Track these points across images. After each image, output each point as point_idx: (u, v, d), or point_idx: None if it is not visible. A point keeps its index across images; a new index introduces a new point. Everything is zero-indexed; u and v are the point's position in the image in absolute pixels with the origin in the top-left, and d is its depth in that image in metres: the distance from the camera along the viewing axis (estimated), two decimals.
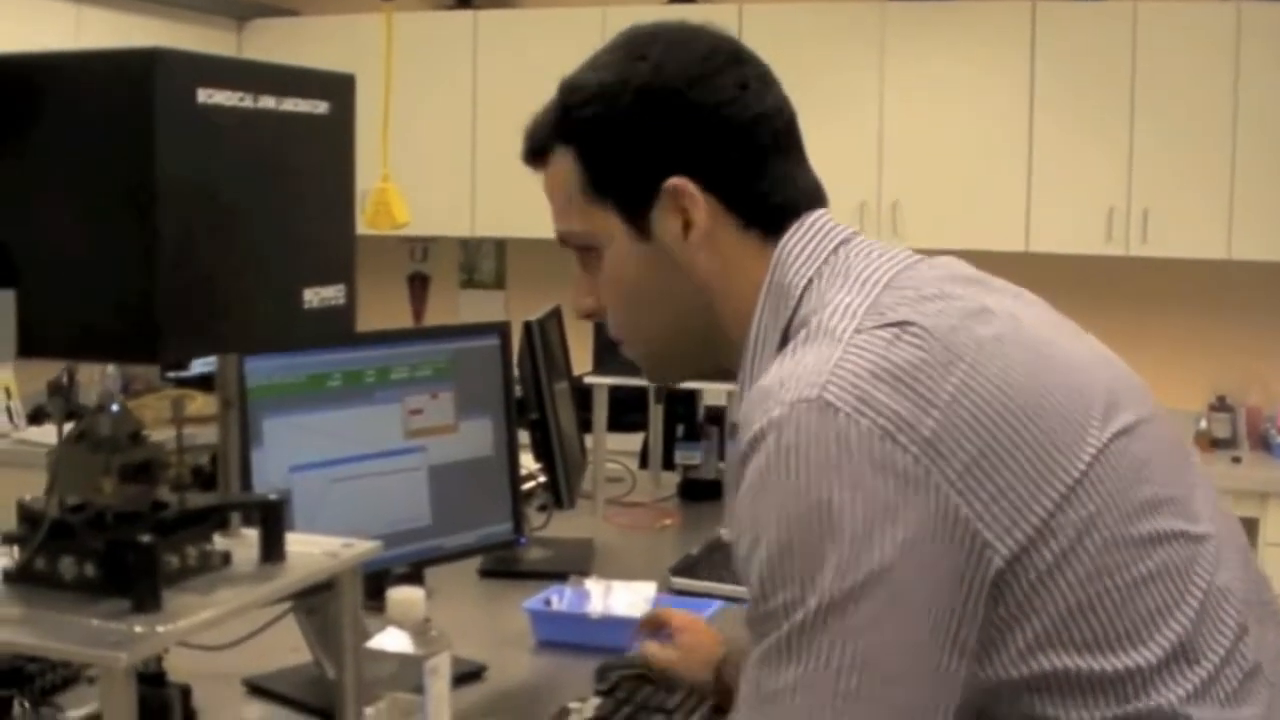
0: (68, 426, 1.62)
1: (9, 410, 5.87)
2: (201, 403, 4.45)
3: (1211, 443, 6.56)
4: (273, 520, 1.70)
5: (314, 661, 2.40)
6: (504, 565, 3.34)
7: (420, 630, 2.04)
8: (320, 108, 1.65)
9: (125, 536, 1.49)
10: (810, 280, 1.54)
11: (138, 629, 1.42)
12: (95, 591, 1.49)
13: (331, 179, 1.68)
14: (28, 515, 1.58)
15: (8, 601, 1.50)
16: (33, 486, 1.64)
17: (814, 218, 1.61)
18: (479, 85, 7.31)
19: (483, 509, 2.95)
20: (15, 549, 1.57)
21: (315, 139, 1.65)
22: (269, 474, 2.35)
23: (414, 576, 2.52)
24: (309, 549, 1.73)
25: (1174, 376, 6.68)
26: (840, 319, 1.45)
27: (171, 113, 1.43)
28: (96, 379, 5.80)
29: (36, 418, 5.94)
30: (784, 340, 1.54)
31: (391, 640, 2.03)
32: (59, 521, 1.51)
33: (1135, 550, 1.39)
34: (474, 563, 3.27)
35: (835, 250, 1.57)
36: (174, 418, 1.68)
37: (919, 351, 1.39)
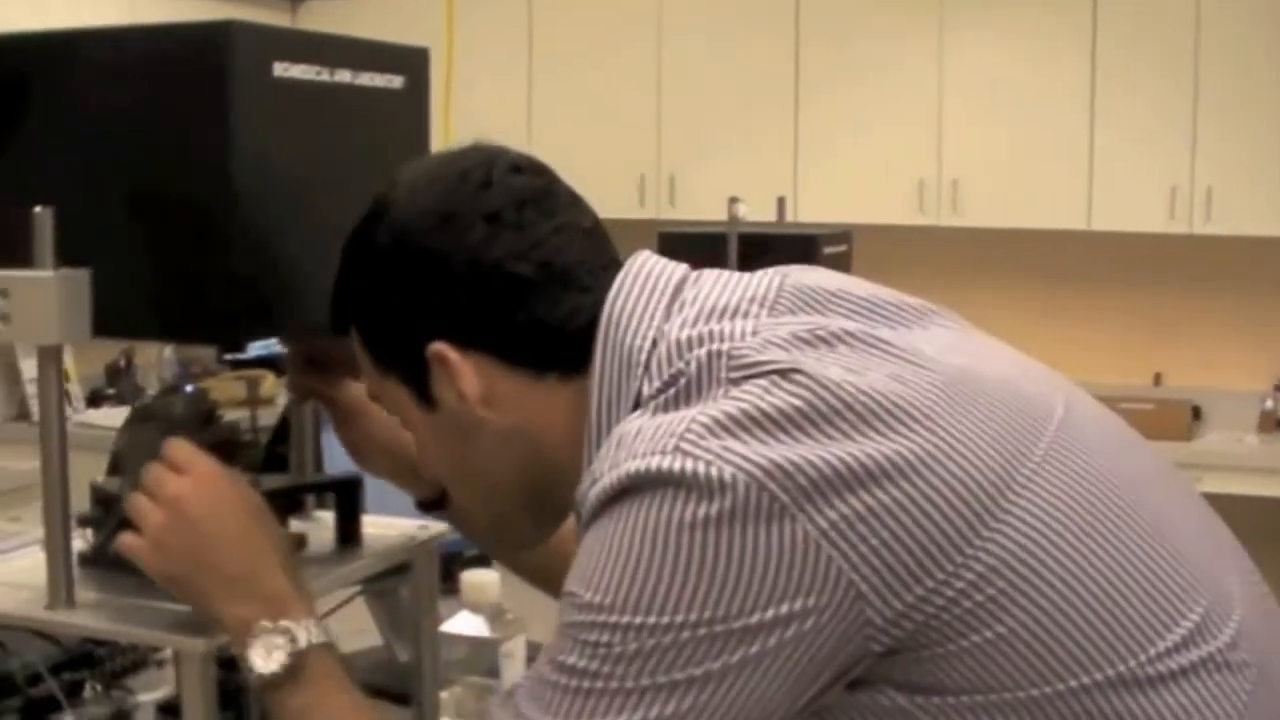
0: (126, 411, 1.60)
1: (67, 394, 5.86)
2: (271, 384, 4.43)
3: (1277, 423, 6.47)
4: (349, 502, 1.68)
5: (383, 645, 2.38)
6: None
7: (495, 613, 2.02)
8: (395, 82, 1.62)
9: None
10: (654, 341, 1.32)
11: None
12: None
13: (406, 155, 1.64)
14: (101, 498, 1.56)
15: (84, 585, 1.48)
16: (92, 470, 1.63)
17: (638, 265, 1.39)
18: (535, 63, 7.29)
19: None
20: (89, 532, 1.56)
21: (390, 114, 1.62)
22: (339, 455, 2.31)
23: (484, 558, 2.48)
24: (385, 531, 1.71)
25: (1238, 357, 6.62)
26: (706, 370, 1.26)
27: (247, 86, 1.41)
28: (154, 362, 5.89)
29: (95, 400, 5.95)
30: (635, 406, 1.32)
31: (466, 624, 2.01)
32: None
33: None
34: None
35: (677, 293, 1.36)
36: (249, 399, 1.66)
37: (797, 400, 1.20)
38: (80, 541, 1.56)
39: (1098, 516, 1.23)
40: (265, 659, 1.35)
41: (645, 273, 1.37)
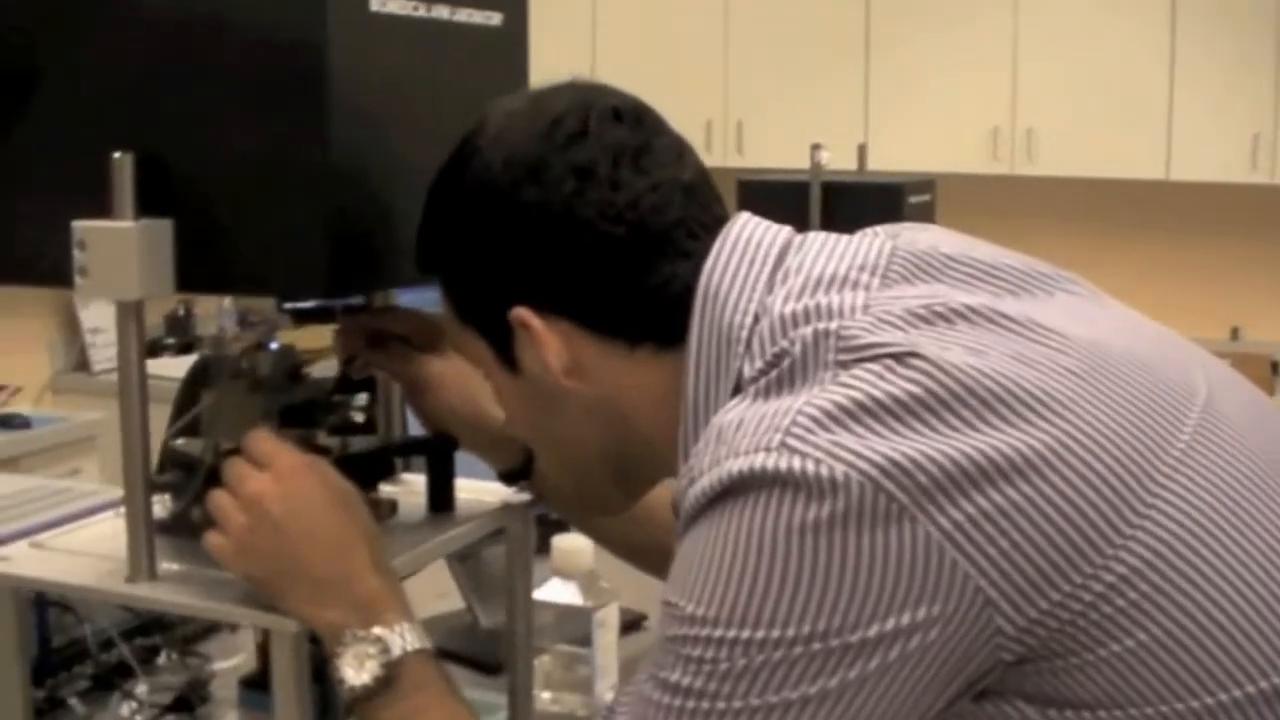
0: (188, 361, 1.55)
1: None
2: None
3: None
4: (441, 465, 1.59)
5: (465, 609, 2.29)
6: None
7: (588, 581, 1.93)
8: (494, 19, 1.52)
9: None
10: (756, 316, 1.21)
11: None
12: None
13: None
14: (181, 461, 1.48)
15: (165, 555, 1.40)
16: (154, 419, 1.53)
17: (736, 231, 1.26)
18: (599, 4, 7.18)
19: None
20: (168, 497, 1.47)
21: (488, 53, 1.52)
22: None
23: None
24: (478, 495, 1.62)
25: None
26: (813, 352, 1.14)
27: (344, 21, 1.31)
28: (214, 311, 5.80)
29: (154, 350, 5.89)
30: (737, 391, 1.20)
31: (557, 591, 1.93)
32: (216, 468, 1.40)
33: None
34: None
35: (780, 262, 1.24)
36: (338, 357, 1.56)
37: (914, 388, 1.07)
38: (158, 507, 1.48)
39: (1249, 509, 1.11)
40: (356, 670, 1.25)
41: (745, 239, 1.25)
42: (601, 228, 1.23)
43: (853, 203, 3.54)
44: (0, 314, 5.22)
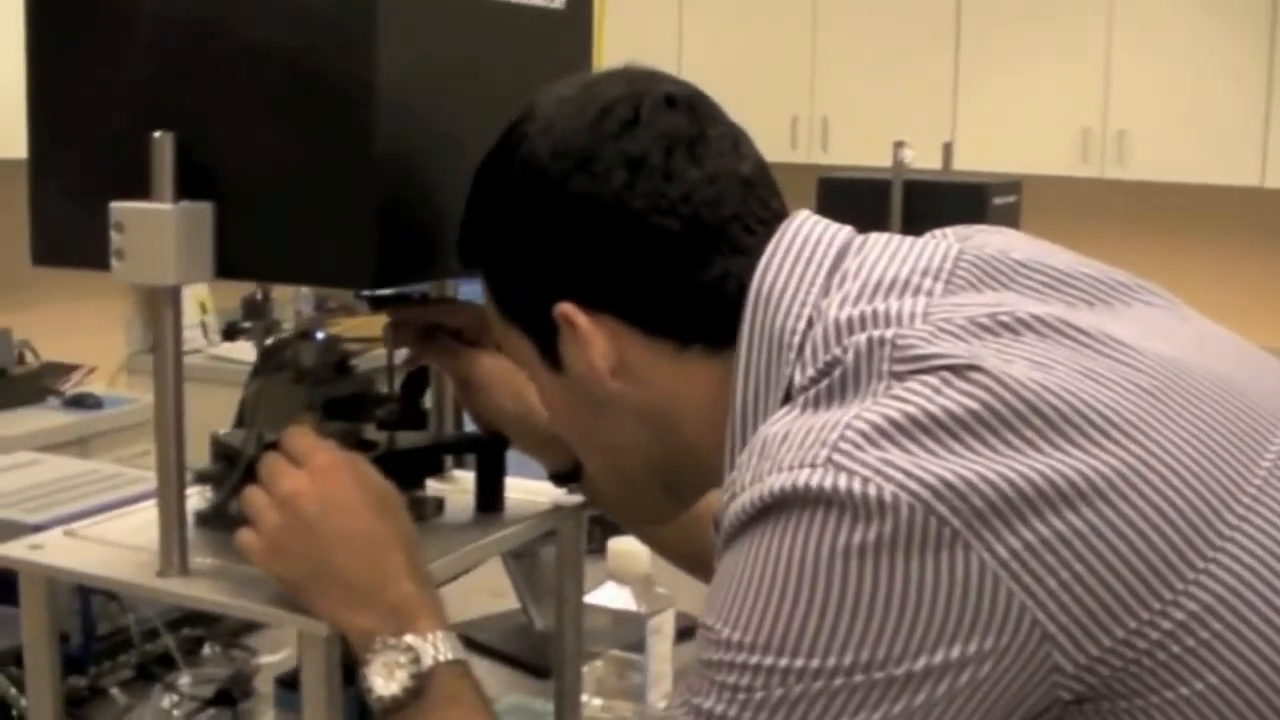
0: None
1: (204, 325, 5.83)
2: None
3: None
4: (491, 465, 1.54)
5: (520, 609, 2.25)
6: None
7: (643, 586, 1.89)
8: (556, 2, 1.47)
9: None
10: (810, 321, 1.14)
11: None
12: None
13: None
14: (223, 452, 1.44)
15: (200, 548, 1.36)
16: (225, 405, 1.52)
17: (794, 229, 1.20)
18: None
19: None
20: (209, 489, 1.43)
21: (549, 38, 1.46)
22: None
23: None
24: (528, 496, 1.57)
25: None
26: (866, 361, 1.06)
27: (396, 3, 1.25)
28: (291, 296, 5.79)
29: (230, 334, 5.89)
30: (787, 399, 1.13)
31: (612, 595, 1.88)
32: (256, 460, 1.35)
33: None
34: None
35: (838, 263, 1.17)
36: (387, 349, 1.52)
37: (973, 403, 1.00)
38: (199, 498, 1.44)
39: None
40: (386, 680, 1.19)
41: (802, 238, 1.19)
42: (653, 220, 1.17)
43: (935, 203, 3.46)
44: (79, 294, 5.23)
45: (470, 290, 1.61)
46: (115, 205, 1.27)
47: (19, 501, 2.00)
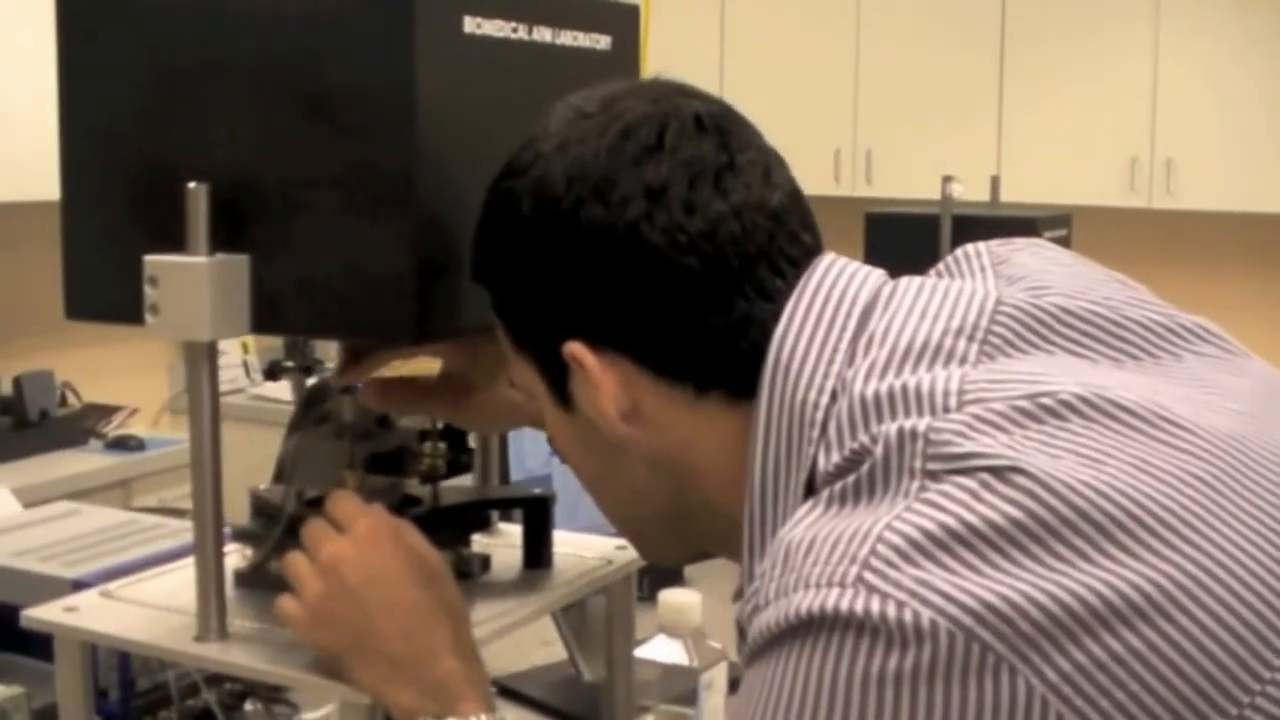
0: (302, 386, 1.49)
1: (245, 365, 5.81)
2: None
3: None
4: (538, 519, 1.50)
5: (568, 660, 2.20)
6: None
7: (695, 639, 1.83)
8: (601, 43, 1.42)
9: None
10: (834, 394, 1.05)
11: None
12: None
13: None
14: (262, 508, 1.40)
15: (239, 610, 1.32)
16: (267, 446, 1.49)
17: (815, 282, 1.10)
18: (728, 28, 7.10)
19: None
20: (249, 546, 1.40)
21: (595, 79, 1.41)
22: (527, 458, 2.16)
23: (676, 572, 2.34)
24: (577, 551, 1.53)
25: None
26: (897, 456, 0.96)
27: (434, 43, 1.21)
28: None
29: (272, 373, 5.82)
30: (810, 491, 1.04)
31: (663, 649, 1.83)
32: (297, 518, 1.31)
33: None
34: None
35: (864, 323, 1.08)
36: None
37: (1016, 511, 0.90)
38: (239, 557, 1.40)
39: None
40: None
41: (825, 292, 1.09)
42: (670, 256, 1.08)
43: (985, 237, 3.40)
44: (121, 336, 5.19)
45: None
46: (149, 258, 1.23)
47: (58, 554, 1.97)
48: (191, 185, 1.22)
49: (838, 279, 1.10)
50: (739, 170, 1.11)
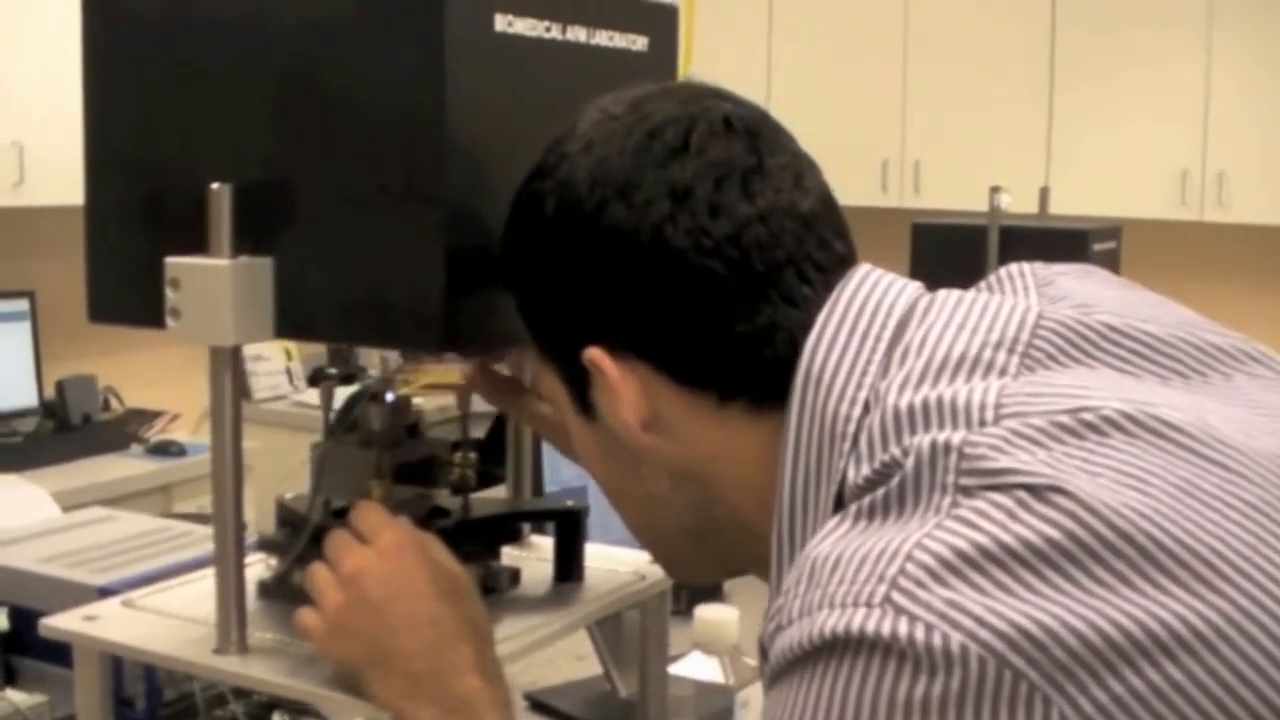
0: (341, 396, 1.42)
1: (289, 372, 5.80)
2: None
3: None
4: (570, 533, 1.47)
5: (603, 675, 2.16)
6: None
7: (732, 656, 1.80)
8: (638, 43, 1.39)
9: None
10: (866, 406, 1.01)
11: None
12: None
13: None
14: (288, 518, 1.37)
15: (261, 622, 1.29)
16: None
17: (849, 292, 1.06)
18: (775, 36, 7.07)
19: None
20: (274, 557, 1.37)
21: (631, 81, 1.38)
22: (563, 469, 2.12)
23: (714, 587, 2.30)
24: (610, 565, 1.50)
25: None
26: (929, 470, 0.92)
27: (464, 42, 1.18)
28: None
29: (316, 379, 5.85)
30: (839, 505, 1.00)
31: (699, 666, 1.80)
32: (322, 528, 1.28)
33: None
34: None
35: (899, 334, 1.04)
36: (459, 406, 1.44)
37: (1054, 532, 0.86)
38: (264, 567, 1.37)
39: None
40: None
41: (860, 303, 1.05)
42: (694, 260, 1.04)
43: (1033, 250, 3.33)
44: (163, 341, 5.19)
45: None
46: (170, 260, 1.21)
47: (87, 561, 1.95)
48: (215, 186, 1.20)
49: (873, 289, 1.07)
50: (768, 174, 1.07)
